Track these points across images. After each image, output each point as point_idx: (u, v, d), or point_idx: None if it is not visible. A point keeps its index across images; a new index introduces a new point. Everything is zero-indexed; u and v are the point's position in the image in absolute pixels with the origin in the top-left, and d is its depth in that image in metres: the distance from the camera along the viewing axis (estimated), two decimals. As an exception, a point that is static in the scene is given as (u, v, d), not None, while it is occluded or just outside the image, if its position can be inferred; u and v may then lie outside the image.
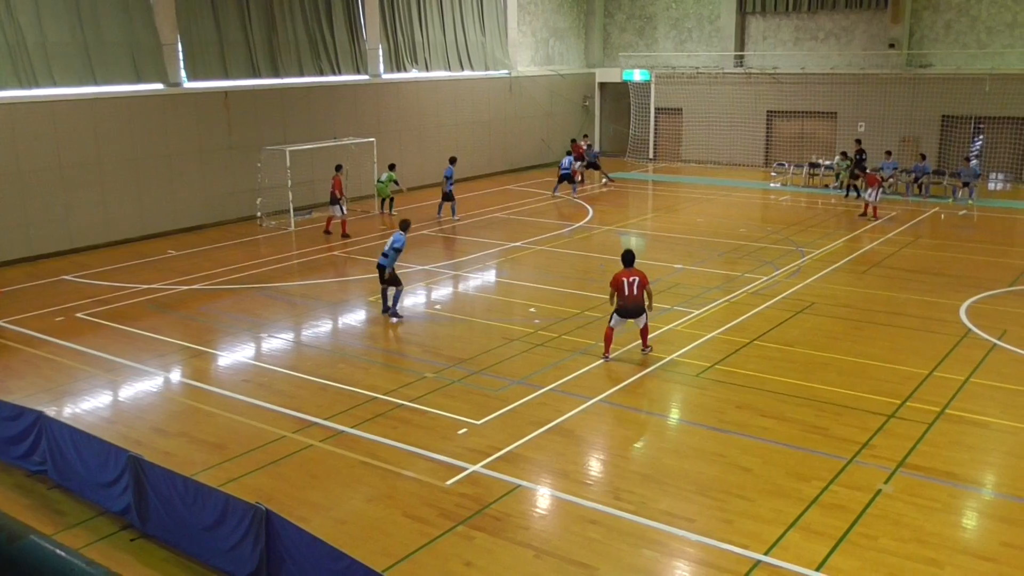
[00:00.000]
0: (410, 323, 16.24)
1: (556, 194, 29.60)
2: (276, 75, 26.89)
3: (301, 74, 27.62)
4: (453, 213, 25.68)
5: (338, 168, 24.02)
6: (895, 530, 8.92)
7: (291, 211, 24.81)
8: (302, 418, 11.83)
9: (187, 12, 24.37)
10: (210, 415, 12.13)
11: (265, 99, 26.37)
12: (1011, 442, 11.08)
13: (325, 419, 11.77)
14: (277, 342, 15.36)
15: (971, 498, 9.79)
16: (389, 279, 16.21)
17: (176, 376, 13.82)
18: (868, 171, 26.94)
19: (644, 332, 14.13)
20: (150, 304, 17.58)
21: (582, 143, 33.20)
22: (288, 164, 24.17)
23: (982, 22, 31.95)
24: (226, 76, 25.54)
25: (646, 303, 13.79)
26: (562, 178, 29.47)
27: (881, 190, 25.77)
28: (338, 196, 23.27)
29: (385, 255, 16.14)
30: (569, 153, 30.44)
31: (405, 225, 16.63)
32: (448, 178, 25.38)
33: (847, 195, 29.08)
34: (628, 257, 14.01)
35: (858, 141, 30.09)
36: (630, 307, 13.69)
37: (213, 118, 25.05)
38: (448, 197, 25.53)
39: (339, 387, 12.95)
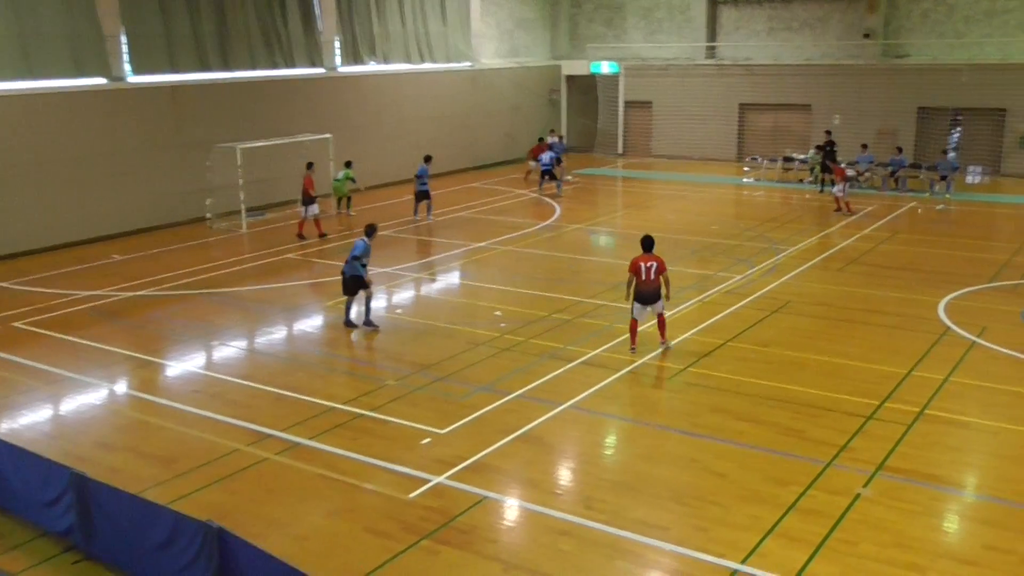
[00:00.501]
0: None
1: (541, 192, 29.60)
2: (226, 69, 26.66)
3: (253, 68, 27.42)
4: (428, 212, 25.45)
5: (309, 166, 23.85)
6: (875, 535, 9.03)
7: (243, 212, 24.59)
8: (257, 430, 11.72)
9: (131, 2, 24.07)
10: (159, 428, 11.98)
11: (215, 94, 26.12)
12: (992, 442, 11.27)
13: (281, 431, 11.67)
14: (230, 350, 15.22)
15: (952, 500, 9.94)
16: (350, 287, 15.83)
17: (122, 388, 13.64)
18: (837, 164, 27.29)
19: (661, 324, 14.45)
20: (94, 312, 17.34)
21: (552, 137, 33.25)
22: (239, 162, 23.96)
23: (959, 11, 32.50)
24: (173, 70, 25.26)
25: (663, 290, 14.17)
26: (544, 174, 29.49)
27: (848, 184, 26.05)
28: (312, 195, 23.09)
29: (347, 263, 15.92)
30: (550, 147, 30.47)
31: (369, 230, 16.13)
32: (420, 177, 25.17)
33: (822, 190, 29.40)
34: (647, 242, 14.42)
35: (828, 132, 30.42)
36: (646, 292, 14.08)
37: (160, 114, 24.76)
38: (423, 196, 25.31)
39: (296, 397, 12.85)
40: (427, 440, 11.32)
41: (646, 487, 10.10)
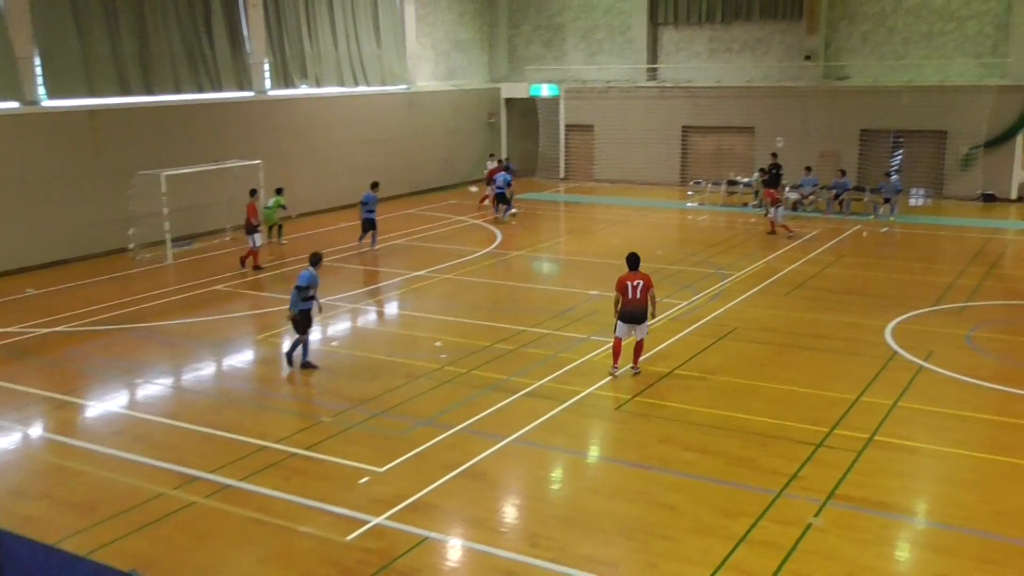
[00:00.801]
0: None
1: (497, 215, 29.73)
2: (149, 92, 26.35)
3: (177, 91, 27.14)
4: (373, 241, 25.22)
5: (252, 193, 23.68)
6: (827, 565, 9.16)
7: (168, 242, 24.23)
8: (184, 472, 11.50)
9: (45, 21, 23.69)
10: (78, 474, 11.68)
11: (137, 118, 25.77)
12: (941, 467, 11.55)
13: (210, 472, 11.47)
14: (154, 388, 14.93)
15: (903, 528, 10.14)
16: (296, 323, 15.32)
17: (37, 431, 13.28)
18: (773, 187, 27.96)
19: (638, 349, 14.72)
20: (6, 350, 16.89)
21: (503, 161, 33.51)
22: (164, 190, 23.63)
23: (898, 33, 33.60)
24: (91, 93, 24.87)
25: (650, 308, 14.52)
26: (497, 197, 29.67)
27: (781, 207, 26.61)
28: (254, 224, 22.82)
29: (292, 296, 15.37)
30: (507, 170, 30.72)
31: (314, 260, 15.65)
32: (365, 203, 24.94)
33: (767, 213, 29.94)
34: (633, 260, 14.82)
35: (773, 155, 31.10)
36: (632, 311, 14.43)
37: (77, 140, 24.34)
38: (370, 224, 25.07)
39: (225, 436, 12.64)
40: (365, 479, 11.21)
41: (594, 522, 10.12)
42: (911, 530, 10.12)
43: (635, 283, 14.45)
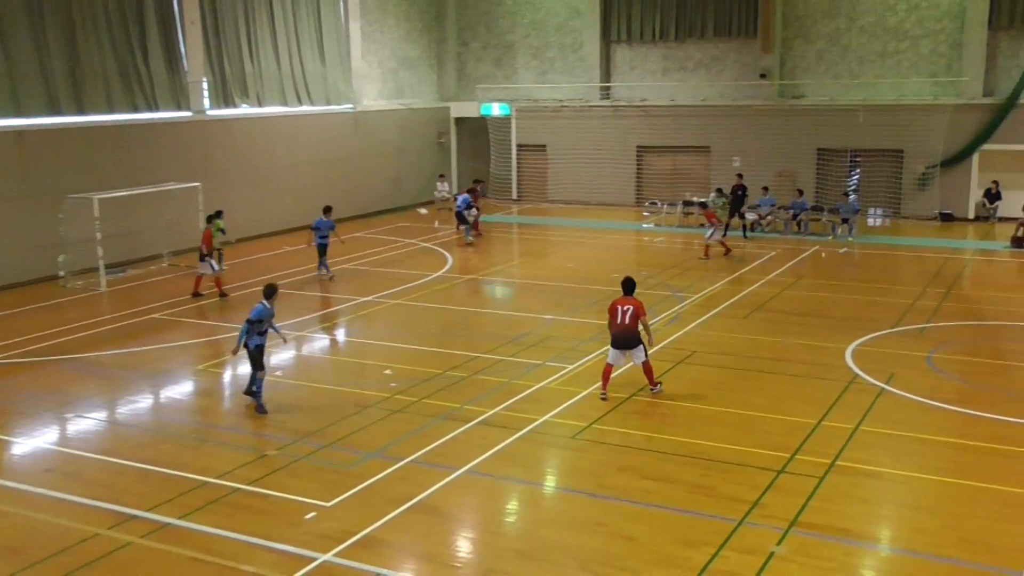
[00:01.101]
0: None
1: (464, 235, 29.84)
2: (80, 111, 26.04)
3: (111, 110, 26.85)
4: (325, 269, 24.75)
5: (209, 220, 23.50)
6: (791, 595, 9.25)
7: (101, 269, 23.88)
8: (119, 511, 11.30)
9: (-30, 39, 23.38)
10: (4, 515, 11.41)
11: (68, 139, 25.43)
12: (904, 492, 11.71)
13: (147, 511, 11.28)
14: (88, 423, 14.67)
15: (867, 555, 10.26)
16: (252, 359, 14.85)
17: (-39, 469, 12.98)
18: (733, 209, 28.43)
19: (647, 370, 14.97)
20: (-73, 384, 16.53)
21: (443, 183, 33.60)
22: (97, 214, 23.32)
23: (853, 51, 34.36)
24: (18, 113, 24.53)
25: (642, 336, 14.77)
26: (457, 216, 29.95)
27: (716, 230, 27.05)
28: (204, 252, 22.50)
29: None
30: (472, 190, 30.93)
31: (268, 292, 15.20)
32: (317, 229, 24.62)
33: (725, 234, 30.31)
34: (628, 285, 15.18)
35: (739, 176, 31.53)
36: (620, 336, 14.69)
37: (2, 162, 23.93)
38: (322, 251, 24.54)
39: (164, 472, 12.45)
40: (312, 514, 11.10)
41: (551, 555, 10.11)
42: (875, 557, 10.25)
43: (625, 308, 14.72)
